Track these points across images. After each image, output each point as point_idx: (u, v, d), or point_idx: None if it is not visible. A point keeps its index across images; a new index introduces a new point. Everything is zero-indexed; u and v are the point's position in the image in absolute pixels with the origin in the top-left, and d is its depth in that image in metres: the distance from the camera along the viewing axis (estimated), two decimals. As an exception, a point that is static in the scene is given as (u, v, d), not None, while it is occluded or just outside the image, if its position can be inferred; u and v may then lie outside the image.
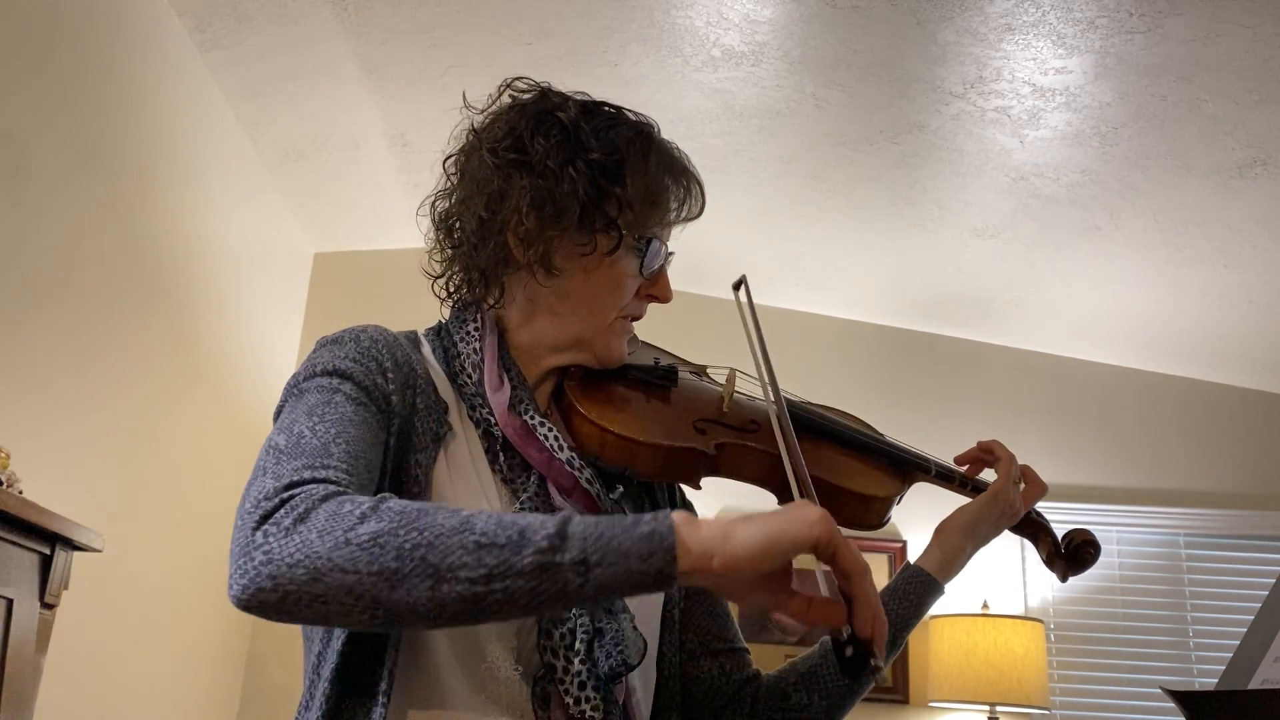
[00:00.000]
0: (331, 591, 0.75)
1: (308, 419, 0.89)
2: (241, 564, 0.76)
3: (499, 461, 1.05)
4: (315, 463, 0.83)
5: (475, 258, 1.08)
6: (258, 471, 0.84)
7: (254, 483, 0.83)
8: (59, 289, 2.27)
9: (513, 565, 0.75)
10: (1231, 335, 3.62)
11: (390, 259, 3.92)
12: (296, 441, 0.86)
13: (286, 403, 0.96)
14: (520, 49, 2.73)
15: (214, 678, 3.22)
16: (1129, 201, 3.02)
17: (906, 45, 2.53)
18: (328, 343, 1.03)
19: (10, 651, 1.78)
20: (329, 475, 0.83)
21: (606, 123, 1.10)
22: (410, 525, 0.76)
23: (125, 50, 2.49)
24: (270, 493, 0.80)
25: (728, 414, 1.19)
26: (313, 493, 0.79)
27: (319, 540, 0.76)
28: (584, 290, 1.08)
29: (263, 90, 2.99)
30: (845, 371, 3.85)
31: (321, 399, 0.93)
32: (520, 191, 1.04)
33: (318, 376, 0.97)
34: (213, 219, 3.02)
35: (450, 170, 1.13)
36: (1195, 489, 3.76)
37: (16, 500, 1.78)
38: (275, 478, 0.81)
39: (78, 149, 2.32)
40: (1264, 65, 2.41)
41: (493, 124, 1.11)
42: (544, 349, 1.11)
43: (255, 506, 0.79)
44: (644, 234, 1.08)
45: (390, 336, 1.05)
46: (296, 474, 0.82)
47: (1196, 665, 3.60)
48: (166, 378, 2.80)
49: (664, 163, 1.10)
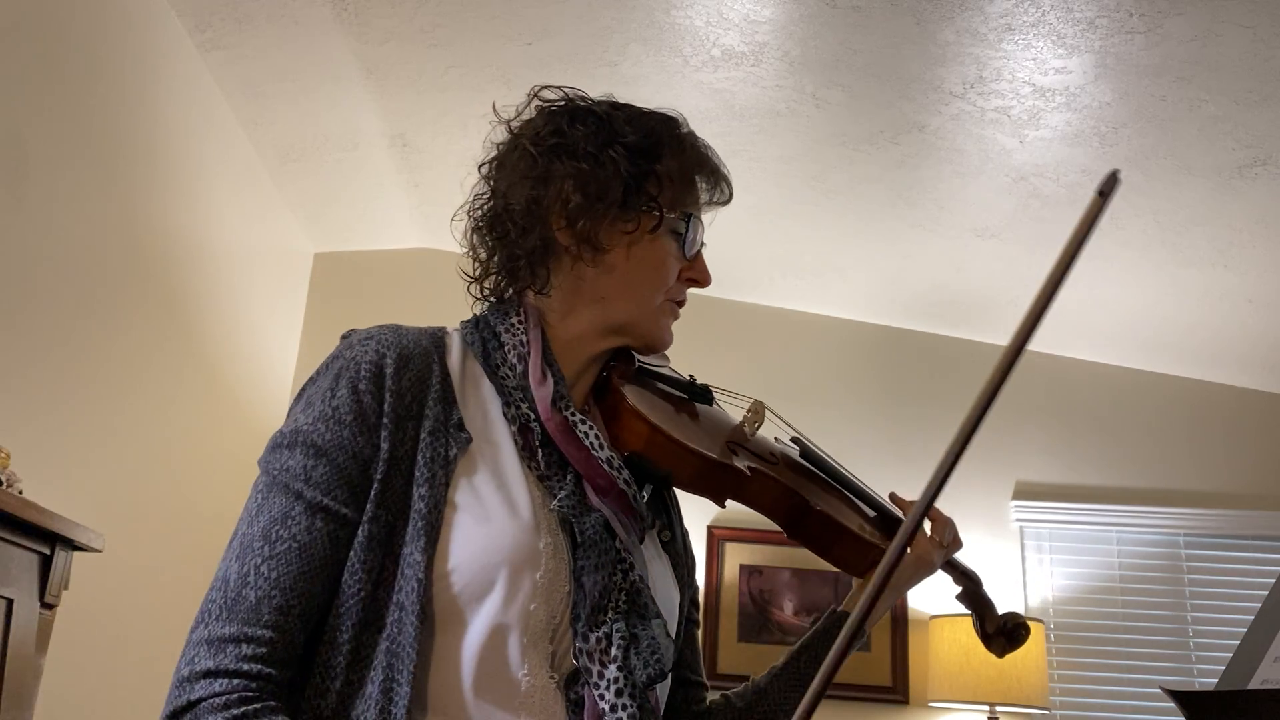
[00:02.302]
0: None
1: (262, 545, 0.95)
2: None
3: (536, 458, 1.04)
4: (244, 634, 0.92)
5: (520, 244, 1.09)
6: (207, 604, 0.94)
7: (201, 622, 0.93)
8: (59, 289, 2.27)
9: None
10: (1231, 335, 3.62)
11: (390, 259, 3.93)
12: (240, 588, 0.94)
13: (264, 472, 0.99)
14: (520, 49, 2.73)
15: (214, 678, 3.22)
16: (1129, 201, 3.02)
17: (906, 45, 2.53)
18: (332, 374, 1.03)
19: (10, 651, 1.78)
20: (247, 659, 0.91)
21: (636, 112, 1.14)
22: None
23: (125, 50, 2.49)
24: (196, 673, 0.91)
25: (751, 442, 1.22)
26: (217, 699, 0.90)
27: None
28: (628, 271, 1.09)
29: (263, 90, 2.99)
30: (845, 371, 3.85)
31: (283, 508, 0.96)
32: (563, 175, 1.07)
33: (296, 451, 0.98)
34: (213, 219, 3.02)
35: (486, 173, 1.15)
36: (1195, 489, 3.76)
37: (16, 500, 1.79)
38: (209, 643, 0.92)
39: (78, 149, 2.32)
40: (1264, 65, 2.41)
41: (529, 123, 1.15)
42: (589, 337, 1.11)
43: (181, 680, 0.92)
44: (683, 211, 1.11)
45: (405, 350, 1.04)
46: (223, 649, 0.91)
47: (1196, 665, 3.60)
48: (167, 378, 2.80)
49: (693, 147, 1.14)
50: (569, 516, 1.02)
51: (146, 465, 2.71)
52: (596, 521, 1.02)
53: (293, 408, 1.04)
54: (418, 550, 0.94)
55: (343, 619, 0.94)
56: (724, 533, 3.60)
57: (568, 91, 1.15)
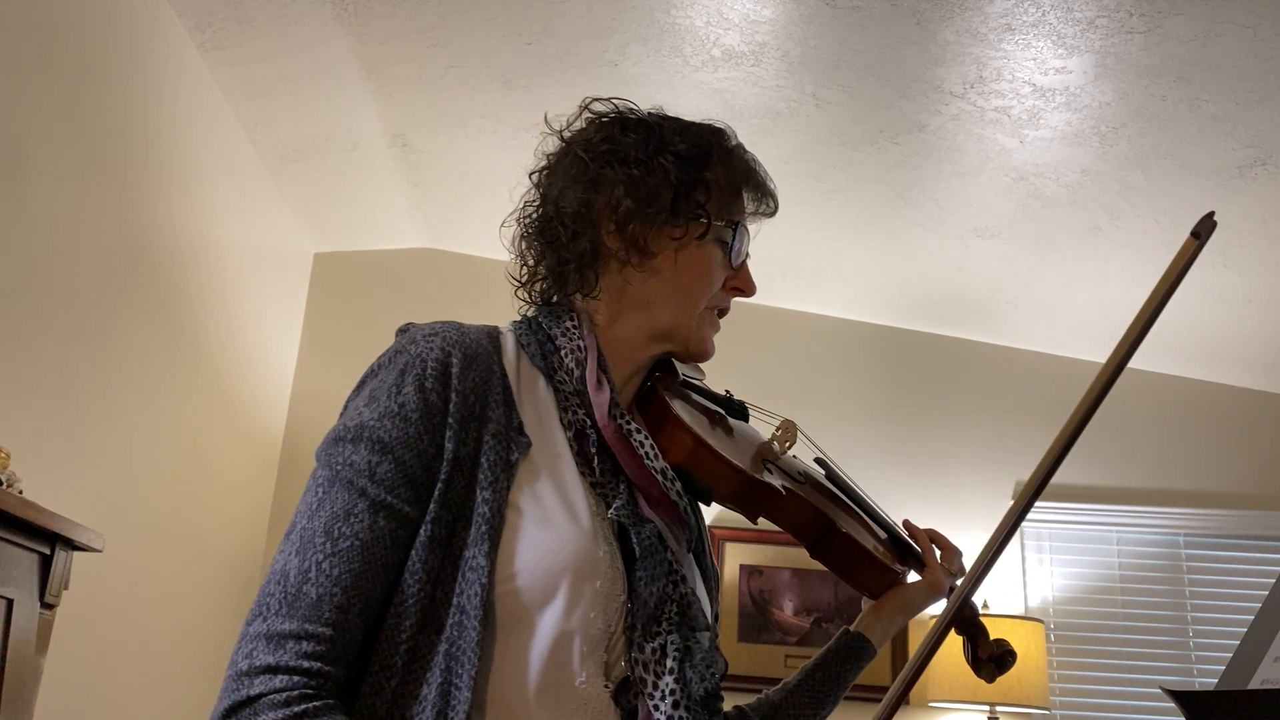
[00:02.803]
0: None
1: (324, 542, 0.94)
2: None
3: (591, 465, 1.05)
4: (303, 630, 0.91)
5: (570, 248, 1.10)
6: (265, 597, 0.93)
7: (259, 615, 0.92)
8: (59, 289, 2.27)
9: None
10: (1231, 335, 3.62)
11: (390, 259, 3.93)
12: (300, 584, 0.93)
13: (325, 465, 0.98)
14: (520, 49, 2.73)
15: (214, 678, 3.21)
16: (1129, 201, 3.02)
17: (906, 45, 2.53)
18: (395, 368, 1.02)
19: (10, 651, 1.78)
20: (306, 655, 0.91)
21: (685, 123, 1.16)
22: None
23: (125, 50, 2.49)
24: (255, 668, 0.91)
25: (782, 461, 1.24)
26: (277, 696, 0.89)
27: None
28: (674, 277, 1.10)
29: (263, 91, 2.99)
30: (845, 371, 3.85)
31: (346, 504, 0.95)
32: (615, 180, 1.09)
33: (360, 446, 0.97)
34: (213, 219, 3.02)
35: (537, 180, 1.17)
36: (1195, 489, 3.76)
37: (16, 500, 1.79)
38: (268, 638, 0.91)
39: (78, 149, 2.32)
40: (1264, 65, 2.41)
41: (580, 132, 1.16)
42: (635, 343, 1.12)
43: (238, 674, 0.91)
44: (730, 220, 1.13)
45: (470, 350, 1.04)
46: (283, 645, 0.91)
47: (1196, 665, 3.60)
48: (167, 378, 2.80)
49: (741, 158, 1.16)
50: (626, 526, 1.02)
51: (146, 465, 2.71)
52: (651, 532, 1.03)
53: (352, 401, 1.03)
54: (480, 554, 0.94)
55: (402, 619, 0.94)
56: (724, 533, 3.60)
57: (617, 103, 1.17)
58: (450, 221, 3.74)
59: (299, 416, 3.71)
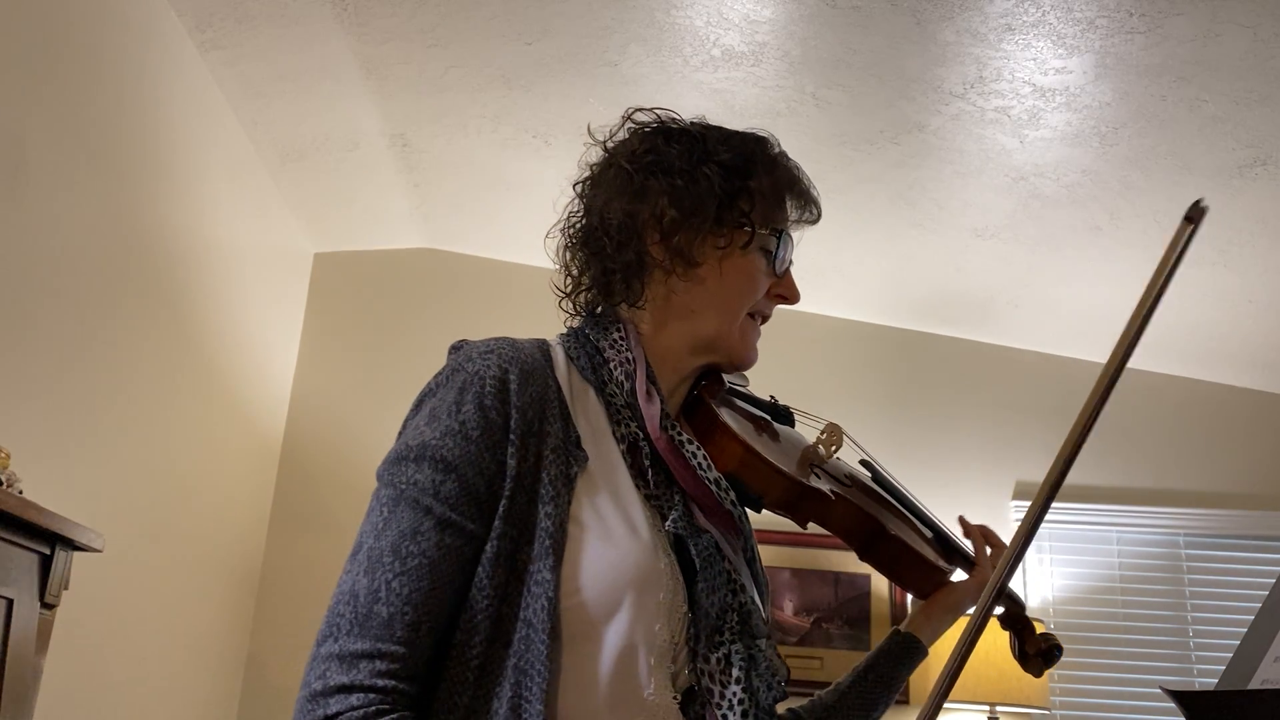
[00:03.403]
0: None
1: (392, 561, 0.94)
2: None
3: (645, 477, 1.05)
4: (377, 649, 0.91)
5: (615, 258, 1.11)
6: (334, 618, 0.93)
7: (329, 636, 0.92)
8: (59, 289, 2.27)
9: None
10: (1231, 335, 3.62)
11: (390, 259, 3.93)
12: (371, 604, 0.93)
13: (388, 485, 0.98)
14: (520, 49, 2.73)
15: (214, 678, 3.22)
16: (1129, 201, 3.02)
17: (906, 45, 2.53)
18: (454, 387, 1.01)
19: (10, 651, 1.78)
20: (381, 674, 0.91)
21: (728, 132, 1.16)
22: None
23: (125, 50, 2.49)
24: (329, 688, 0.90)
25: (829, 465, 1.25)
26: (354, 713, 0.89)
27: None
28: (718, 284, 1.11)
29: (263, 90, 2.99)
30: (845, 371, 3.85)
31: (412, 523, 0.95)
32: (659, 191, 1.10)
33: (424, 465, 0.97)
34: (213, 219, 3.02)
35: (580, 191, 1.18)
36: (1195, 489, 3.76)
37: (16, 500, 1.79)
38: (341, 658, 0.91)
39: (78, 149, 2.32)
40: (1264, 65, 2.41)
41: (624, 143, 1.17)
42: (680, 353, 1.12)
43: (312, 695, 0.90)
44: (774, 228, 1.13)
45: (526, 365, 1.03)
46: (356, 665, 0.91)
47: (1196, 665, 3.60)
48: (167, 378, 2.80)
49: (784, 166, 1.17)
50: (684, 537, 1.03)
51: (146, 465, 2.71)
52: (709, 542, 1.04)
53: (411, 420, 1.03)
54: (545, 569, 0.95)
55: (471, 634, 0.94)
56: (724, 533, 3.60)
57: (660, 113, 1.17)
58: (450, 221, 3.74)
59: (299, 416, 3.71)
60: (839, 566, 3.58)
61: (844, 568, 3.58)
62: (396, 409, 0.95)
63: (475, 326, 4.15)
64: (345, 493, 3.63)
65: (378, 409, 3.73)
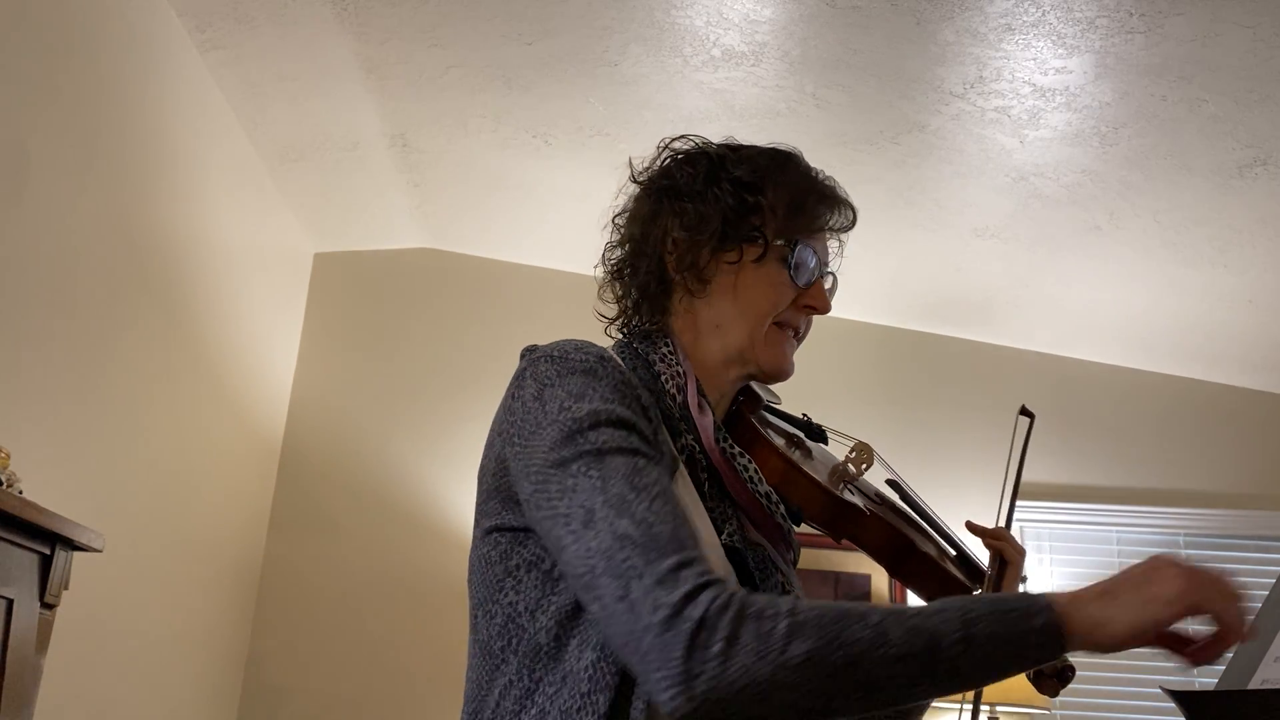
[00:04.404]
0: (774, 710, 0.84)
1: (636, 495, 0.91)
2: (685, 690, 0.84)
3: (702, 489, 1.06)
4: (682, 558, 0.88)
5: (634, 279, 1.14)
6: (621, 566, 0.88)
7: (629, 580, 0.87)
8: (59, 289, 2.27)
9: (931, 671, 0.86)
10: (1231, 335, 3.62)
11: (390, 259, 3.93)
12: (647, 531, 0.89)
13: (577, 457, 0.94)
14: (520, 49, 2.73)
15: (214, 678, 3.22)
16: (1129, 201, 3.02)
17: (906, 45, 2.53)
18: (578, 371, 0.99)
19: (10, 651, 1.78)
20: (704, 574, 0.88)
21: (749, 150, 1.18)
22: (834, 642, 0.84)
23: (125, 50, 2.49)
24: (677, 604, 0.85)
25: (861, 482, 1.27)
26: (715, 603, 0.85)
27: (758, 664, 0.83)
28: (735, 300, 1.13)
29: (263, 90, 2.99)
30: (845, 371, 3.85)
31: (628, 464, 0.93)
32: (669, 214, 1.13)
33: (604, 427, 0.95)
34: (213, 219, 3.02)
35: (618, 224, 1.21)
36: (1195, 489, 3.75)
37: (16, 500, 1.79)
38: (661, 582, 0.87)
39: (78, 149, 2.32)
40: (1264, 65, 2.41)
41: (649, 172, 1.20)
42: (718, 367, 1.14)
43: (665, 620, 0.85)
44: (790, 238, 1.13)
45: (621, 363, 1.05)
46: (677, 576, 0.87)
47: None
48: (167, 378, 2.80)
49: (804, 174, 1.17)
50: (741, 550, 1.04)
51: (146, 465, 2.71)
52: (763, 555, 1.07)
53: (545, 411, 0.98)
54: None
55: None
56: (724, 533, 3.60)
57: (694, 139, 1.20)
58: (450, 221, 3.74)
59: (299, 416, 3.71)
60: (839, 566, 3.58)
61: (844, 567, 3.58)
62: (396, 409, 0.95)
63: (475, 326, 4.17)
64: (345, 493, 3.63)
65: (378, 409, 3.73)
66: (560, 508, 0.92)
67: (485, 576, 1.00)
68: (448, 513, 3.62)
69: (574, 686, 0.93)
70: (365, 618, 3.49)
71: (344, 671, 3.45)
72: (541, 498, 0.94)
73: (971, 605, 0.88)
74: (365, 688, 3.44)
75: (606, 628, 0.89)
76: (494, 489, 1.01)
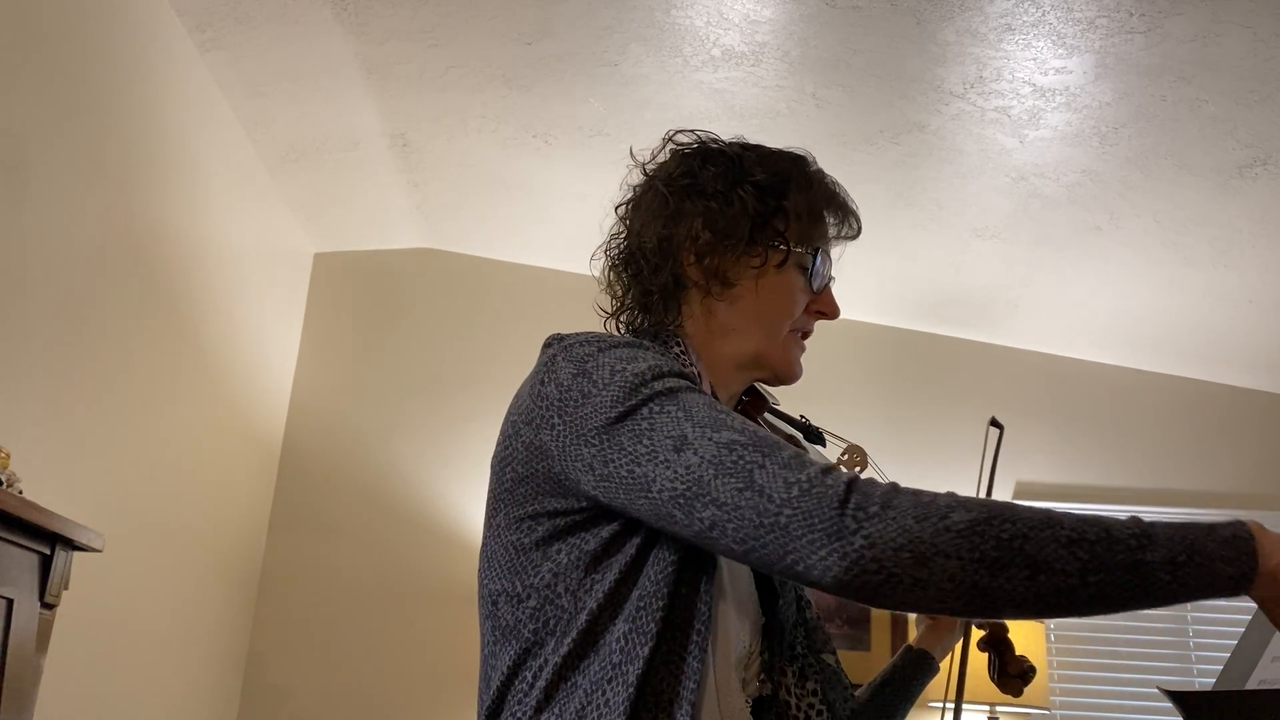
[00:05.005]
0: (934, 576, 0.79)
1: (726, 415, 0.92)
2: (839, 547, 0.80)
3: None
4: (800, 454, 0.87)
5: (653, 280, 1.13)
6: (738, 464, 0.87)
7: (750, 470, 0.86)
8: (59, 289, 2.27)
9: (1106, 561, 0.80)
10: (1231, 335, 3.62)
11: (390, 259, 3.93)
12: (753, 435, 0.89)
13: (646, 401, 0.94)
14: (520, 49, 2.73)
15: (214, 678, 3.22)
16: (1129, 201, 3.02)
17: (906, 45, 2.53)
18: (619, 345, 1.00)
19: (10, 651, 1.79)
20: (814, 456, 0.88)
21: (766, 152, 1.19)
22: (1001, 516, 0.80)
23: (125, 50, 2.50)
24: (814, 477, 0.83)
25: None
26: (859, 477, 0.83)
27: (918, 525, 0.79)
28: (755, 304, 1.13)
29: (263, 90, 2.99)
30: (845, 371, 3.85)
31: (703, 399, 0.94)
32: (693, 214, 1.12)
33: (667, 376, 0.96)
34: (213, 219, 3.02)
35: (622, 214, 1.19)
36: (1195, 489, 3.75)
37: (16, 500, 1.79)
38: (787, 465, 0.85)
39: (78, 149, 2.32)
40: (1264, 65, 2.41)
41: (662, 165, 1.18)
42: (727, 370, 1.14)
43: (804, 491, 0.83)
44: (810, 246, 1.15)
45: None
46: (802, 460, 0.85)
47: (1196, 665, 3.60)
48: (167, 378, 2.80)
49: (821, 183, 1.18)
50: None
51: (146, 465, 2.71)
52: None
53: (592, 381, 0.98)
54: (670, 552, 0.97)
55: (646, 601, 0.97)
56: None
57: (700, 135, 1.19)
58: (450, 221, 3.74)
59: (299, 416, 3.71)
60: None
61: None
62: (396, 409, 0.95)
63: (475, 326, 4.17)
64: (345, 493, 3.64)
65: (378, 409, 3.73)
66: (641, 450, 0.91)
67: (515, 563, 1.00)
68: (448, 513, 3.62)
69: (605, 658, 0.94)
70: (365, 618, 3.50)
71: (344, 671, 3.45)
72: (612, 452, 0.93)
73: (1144, 521, 0.84)
74: (365, 688, 3.44)
75: (727, 526, 0.86)
76: (524, 476, 1.00)
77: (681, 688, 0.91)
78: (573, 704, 0.93)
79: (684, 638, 0.93)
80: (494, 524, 1.04)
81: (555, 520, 0.98)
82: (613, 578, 0.95)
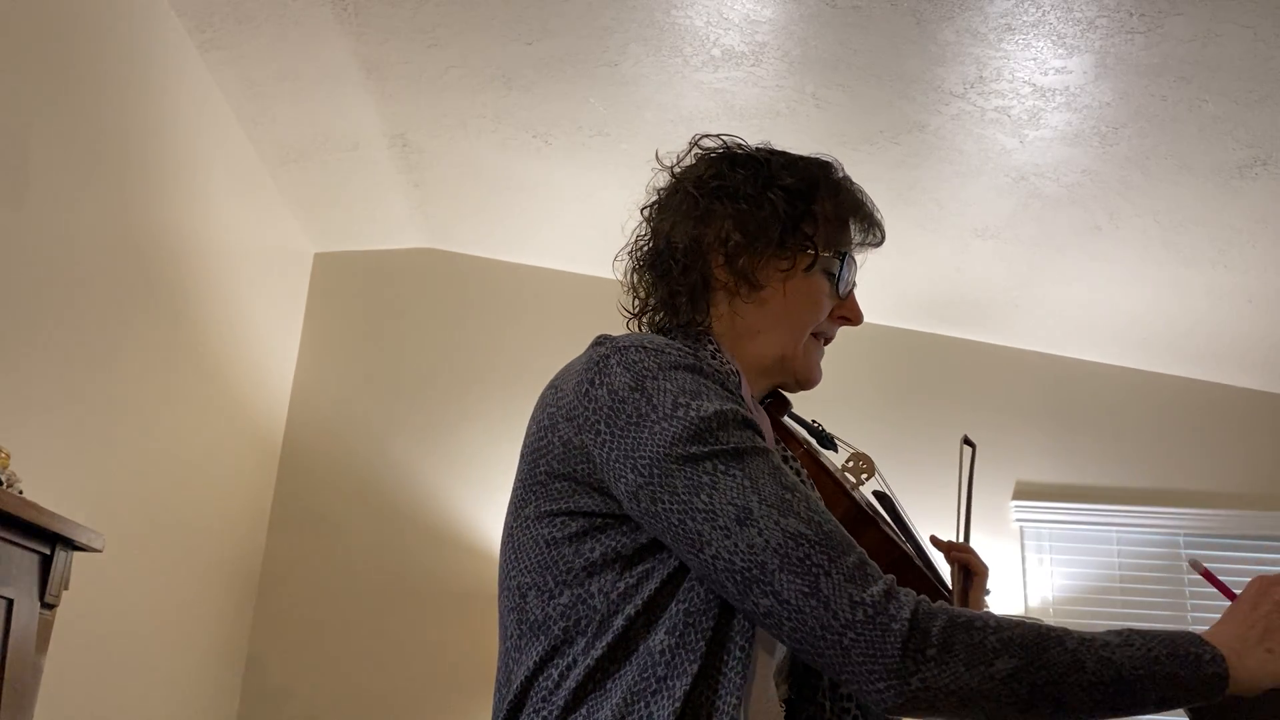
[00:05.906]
0: (973, 713, 0.90)
1: (792, 495, 0.94)
2: (896, 684, 0.88)
3: None
4: (862, 556, 0.93)
5: (681, 280, 1.13)
6: (804, 563, 0.91)
7: (817, 576, 0.90)
8: (59, 289, 2.27)
9: (1112, 702, 0.91)
10: (1231, 335, 3.62)
11: (390, 259, 3.93)
12: (819, 529, 0.93)
13: (710, 456, 0.95)
14: (520, 49, 2.73)
15: (214, 678, 3.22)
16: (1129, 201, 3.02)
17: (906, 45, 2.53)
18: (682, 367, 1.00)
19: (10, 651, 1.79)
20: (885, 575, 0.93)
21: (792, 157, 1.20)
22: (1036, 663, 0.90)
23: (125, 50, 2.49)
24: (878, 602, 0.89)
25: (859, 492, 1.29)
26: (921, 608, 0.90)
27: (967, 674, 0.89)
28: (782, 307, 1.14)
29: (263, 90, 2.99)
30: (845, 371, 3.85)
31: (768, 464, 0.96)
32: (724, 215, 1.13)
33: (734, 428, 0.97)
34: (213, 219, 3.02)
35: (648, 215, 1.20)
36: (1195, 489, 3.75)
37: (16, 500, 1.79)
38: (852, 579, 0.90)
39: (78, 149, 2.32)
40: (1264, 65, 2.41)
41: (690, 168, 1.19)
42: (750, 373, 1.15)
43: (870, 618, 0.89)
44: (839, 250, 1.17)
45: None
46: (865, 574, 0.91)
47: (1196, 665, 3.60)
48: (167, 378, 2.80)
49: (848, 190, 1.21)
50: None
51: (146, 465, 2.71)
52: None
53: (653, 405, 0.97)
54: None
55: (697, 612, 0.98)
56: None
57: (725, 139, 1.20)
58: (450, 221, 3.74)
59: (299, 416, 3.71)
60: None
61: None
62: (396, 409, 0.95)
63: (475, 326, 4.16)
64: (345, 493, 3.63)
65: (377, 409, 3.73)
66: (698, 503, 0.93)
67: (546, 557, 1.00)
68: (448, 512, 3.62)
69: (645, 669, 0.94)
70: (365, 617, 3.49)
71: (344, 671, 3.45)
72: (662, 492, 0.94)
73: (1153, 644, 0.94)
74: (365, 688, 3.44)
75: (784, 623, 0.90)
76: (559, 473, 1.00)
77: (721, 700, 0.93)
78: (605, 709, 0.93)
79: (725, 653, 0.95)
80: (522, 515, 1.03)
81: (590, 519, 0.99)
82: (653, 587, 0.96)
